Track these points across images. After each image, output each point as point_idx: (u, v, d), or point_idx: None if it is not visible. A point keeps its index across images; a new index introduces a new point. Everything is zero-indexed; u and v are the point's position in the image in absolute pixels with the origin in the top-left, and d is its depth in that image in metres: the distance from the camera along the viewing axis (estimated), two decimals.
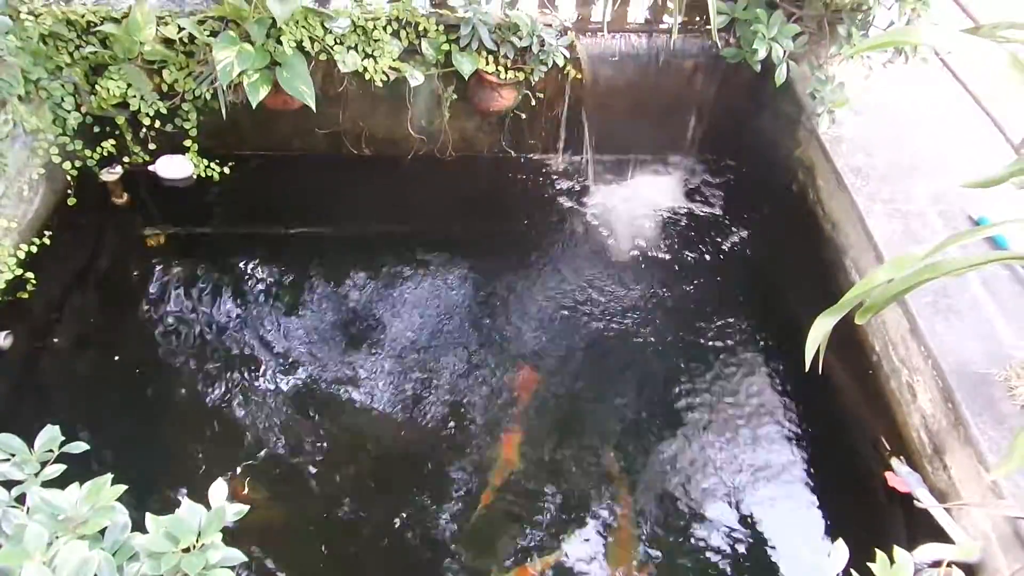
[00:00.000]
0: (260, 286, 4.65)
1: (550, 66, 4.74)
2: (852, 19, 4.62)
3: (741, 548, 3.68)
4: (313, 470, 3.82)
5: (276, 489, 3.73)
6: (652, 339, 4.55)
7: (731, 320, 4.68)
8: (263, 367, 4.23)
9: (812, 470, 3.97)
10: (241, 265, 4.76)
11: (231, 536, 1.63)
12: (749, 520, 3.78)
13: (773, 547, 3.71)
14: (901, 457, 3.69)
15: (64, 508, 1.62)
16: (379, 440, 3.97)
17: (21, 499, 1.92)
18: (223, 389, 4.11)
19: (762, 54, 4.51)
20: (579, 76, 4.93)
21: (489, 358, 4.36)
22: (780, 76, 4.55)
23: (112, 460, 3.64)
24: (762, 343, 4.56)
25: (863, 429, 4.10)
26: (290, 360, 4.28)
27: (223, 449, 3.87)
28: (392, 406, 4.11)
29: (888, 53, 4.70)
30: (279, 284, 4.68)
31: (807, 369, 2.28)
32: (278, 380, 4.18)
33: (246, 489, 3.69)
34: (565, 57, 4.72)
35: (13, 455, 1.96)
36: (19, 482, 1.93)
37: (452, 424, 4.05)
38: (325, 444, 3.93)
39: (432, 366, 4.31)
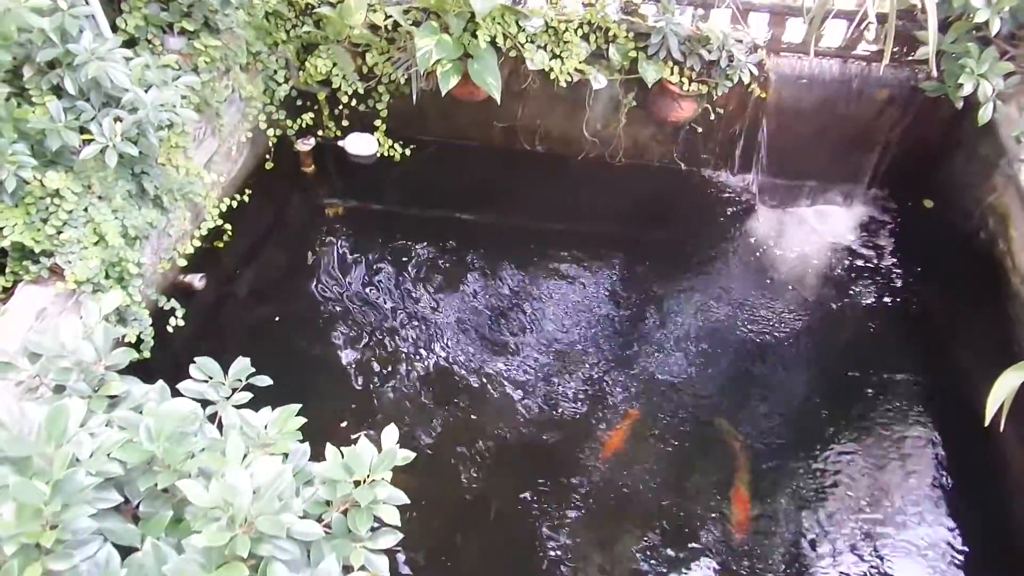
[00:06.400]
0: (422, 265, 4.88)
1: (735, 82, 4.69)
2: None
3: None
4: (444, 443, 3.97)
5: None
6: (802, 376, 4.39)
7: (892, 367, 4.43)
8: (410, 341, 4.45)
9: (969, 545, 3.67)
10: (408, 243, 5.00)
11: None
12: None
13: None
14: None
15: (257, 428, 1.81)
16: (508, 424, 4.08)
17: (211, 417, 2.16)
18: (372, 356, 4.36)
19: (967, 90, 4.25)
20: (764, 95, 4.84)
21: (628, 363, 4.38)
22: (984, 115, 4.28)
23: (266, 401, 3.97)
24: (924, 397, 4.27)
25: None
26: (436, 337, 4.48)
27: (362, 410, 4.10)
28: (525, 394, 4.21)
29: None
30: (439, 265, 4.89)
31: (987, 424, 2.17)
32: (422, 354, 4.38)
33: None
34: (752, 74, 4.65)
35: (211, 377, 2.20)
36: (211, 402, 2.17)
37: (580, 419, 4.10)
38: (457, 419, 4.09)
39: (572, 361, 4.37)
